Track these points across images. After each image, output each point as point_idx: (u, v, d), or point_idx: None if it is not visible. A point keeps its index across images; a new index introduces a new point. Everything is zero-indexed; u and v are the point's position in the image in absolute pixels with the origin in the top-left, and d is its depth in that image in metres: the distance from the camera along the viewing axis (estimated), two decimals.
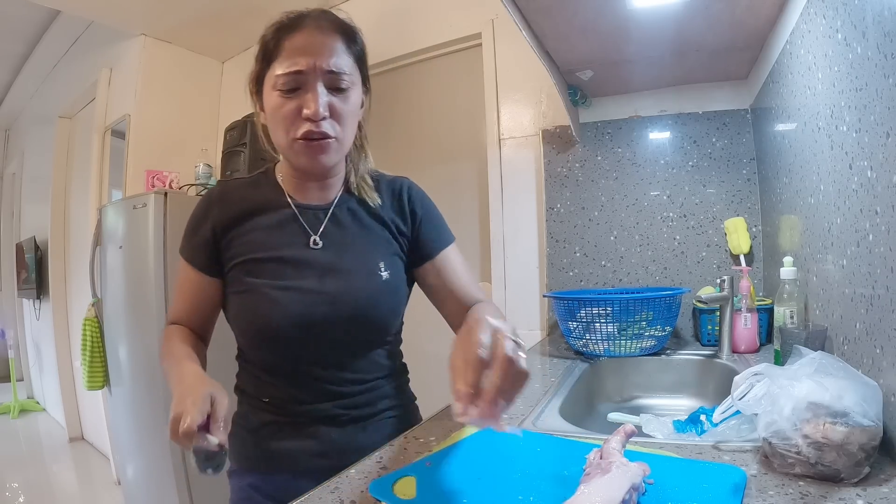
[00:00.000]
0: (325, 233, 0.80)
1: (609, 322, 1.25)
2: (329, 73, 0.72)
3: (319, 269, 0.77)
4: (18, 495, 2.61)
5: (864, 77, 0.67)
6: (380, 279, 0.80)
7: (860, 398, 0.52)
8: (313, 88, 0.71)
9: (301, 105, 0.71)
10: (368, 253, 0.81)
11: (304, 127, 0.72)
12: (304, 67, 0.71)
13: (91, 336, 2.34)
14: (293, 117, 0.72)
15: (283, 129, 0.73)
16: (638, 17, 1.19)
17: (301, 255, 0.78)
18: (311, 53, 0.71)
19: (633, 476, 0.49)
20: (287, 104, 0.72)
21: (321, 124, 0.72)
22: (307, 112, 0.71)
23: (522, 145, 1.86)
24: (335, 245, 0.80)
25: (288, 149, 0.75)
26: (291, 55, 0.71)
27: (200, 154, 2.67)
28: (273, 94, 0.73)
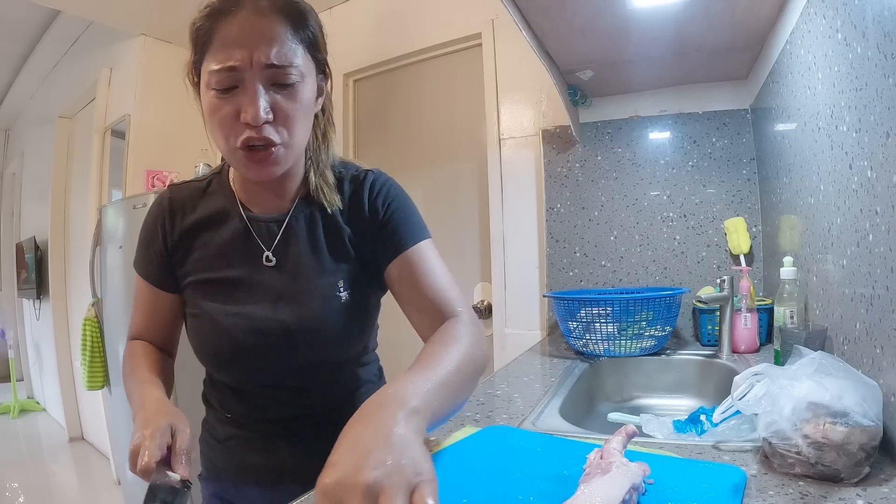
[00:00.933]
0: (278, 248, 0.72)
1: (609, 322, 1.25)
2: (270, 68, 0.60)
3: (273, 293, 0.70)
4: (18, 495, 2.61)
5: (864, 77, 0.67)
6: (338, 301, 0.72)
7: (860, 398, 0.52)
8: (251, 88, 0.60)
9: (238, 108, 0.61)
10: (325, 272, 0.72)
11: (243, 134, 0.61)
12: (239, 62, 0.59)
13: (91, 336, 2.34)
14: (231, 122, 0.61)
15: (221, 135, 0.63)
16: (638, 17, 1.19)
17: (252, 277, 0.71)
18: (247, 45, 0.59)
19: (633, 476, 0.49)
20: (223, 107, 0.61)
21: (263, 129, 0.61)
22: (245, 117, 0.60)
23: (522, 145, 1.86)
24: (289, 263, 0.71)
25: (230, 157, 0.65)
26: (225, 47, 0.60)
27: (200, 154, 2.66)
28: (208, 93, 0.62)
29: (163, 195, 0.77)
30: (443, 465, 0.61)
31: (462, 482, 0.56)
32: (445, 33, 2.02)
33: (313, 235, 0.73)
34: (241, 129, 0.61)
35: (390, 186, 0.76)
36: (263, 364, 0.71)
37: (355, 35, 2.31)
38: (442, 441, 0.70)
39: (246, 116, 0.60)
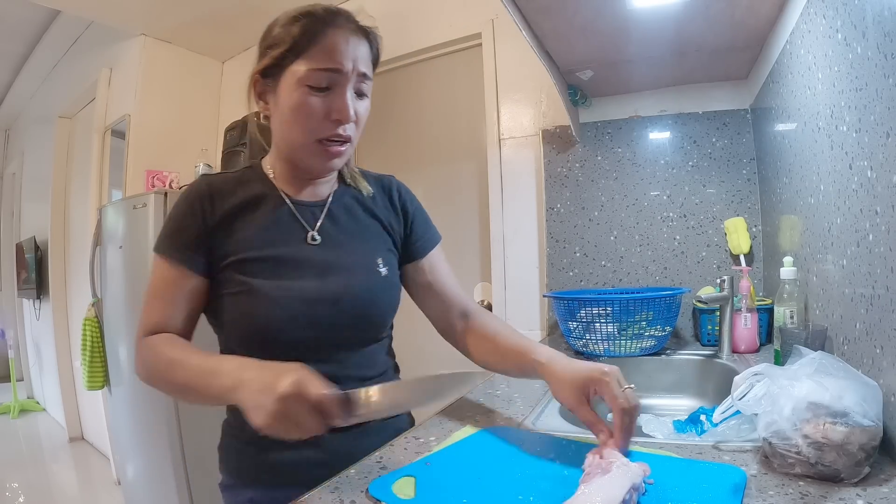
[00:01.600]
0: (322, 229, 0.78)
1: (609, 322, 1.25)
2: (361, 77, 0.72)
3: (319, 268, 0.75)
4: (18, 495, 2.61)
5: (864, 77, 0.67)
6: (379, 276, 0.79)
7: (860, 398, 0.52)
8: (345, 91, 0.70)
9: (330, 107, 0.70)
10: (366, 249, 0.80)
11: (329, 129, 0.71)
12: (342, 67, 0.69)
13: (91, 336, 2.34)
14: (320, 117, 0.70)
15: (302, 128, 0.71)
16: (638, 17, 1.19)
17: (299, 253, 0.75)
18: (350, 55, 0.70)
19: (633, 476, 0.49)
20: (315, 103, 0.69)
21: (345, 128, 0.71)
22: (338, 116, 0.70)
23: (522, 145, 1.86)
24: (333, 242, 0.78)
25: (302, 148, 0.73)
26: (329, 52, 0.69)
27: (200, 154, 2.67)
28: (299, 88, 0.69)
29: (198, 182, 0.77)
30: (443, 465, 0.61)
31: (462, 482, 0.56)
32: (445, 33, 2.02)
33: (353, 217, 0.82)
34: (326, 125, 0.71)
35: (411, 192, 0.90)
36: (309, 336, 0.73)
37: None
38: (442, 441, 0.71)
39: (339, 114, 0.70)
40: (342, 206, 0.81)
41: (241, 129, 2.46)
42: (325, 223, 0.79)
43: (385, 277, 0.80)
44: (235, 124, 2.51)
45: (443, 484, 0.56)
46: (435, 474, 0.58)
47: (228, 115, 2.77)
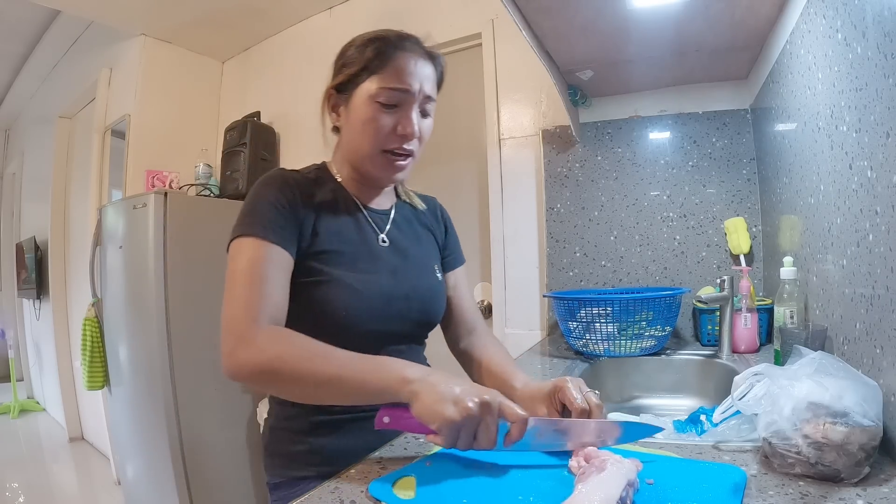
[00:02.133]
0: (389, 234, 0.85)
1: (609, 322, 1.25)
2: (427, 98, 0.79)
3: (391, 266, 0.82)
4: (18, 495, 2.61)
5: (864, 77, 0.67)
6: (437, 279, 0.89)
7: (860, 398, 0.52)
8: (412, 110, 0.77)
9: (397, 123, 0.77)
10: (426, 255, 0.89)
11: (395, 143, 0.77)
12: (411, 88, 0.76)
13: (91, 336, 2.34)
14: (387, 132, 0.77)
15: (370, 140, 0.77)
16: (638, 17, 1.19)
17: (374, 251, 0.82)
18: (419, 77, 0.77)
19: (627, 472, 0.49)
20: (384, 118, 0.76)
21: (411, 143, 0.78)
22: (404, 132, 0.77)
23: (522, 145, 1.86)
24: (399, 246, 0.85)
25: (368, 158, 0.79)
26: (400, 73, 0.76)
27: (200, 154, 2.67)
28: (371, 103, 0.76)
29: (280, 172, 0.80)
30: (443, 465, 0.61)
31: (462, 482, 0.56)
32: (445, 33, 2.02)
33: (412, 227, 0.91)
34: (392, 138, 0.78)
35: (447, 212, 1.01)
36: (381, 328, 0.79)
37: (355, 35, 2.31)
38: None
39: (404, 130, 0.77)
40: (403, 217, 0.90)
41: (240, 129, 2.47)
42: (392, 229, 0.87)
43: (441, 281, 0.90)
44: (235, 124, 2.51)
45: (443, 484, 0.56)
46: (435, 474, 0.58)
47: (228, 115, 2.77)
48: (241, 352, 0.64)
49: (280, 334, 0.66)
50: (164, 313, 1.97)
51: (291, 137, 2.58)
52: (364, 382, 0.61)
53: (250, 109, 2.59)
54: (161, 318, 1.96)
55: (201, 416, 2.05)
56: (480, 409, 0.55)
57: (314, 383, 0.63)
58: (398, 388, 0.59)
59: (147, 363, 2.01)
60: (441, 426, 0.55)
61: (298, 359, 0.63)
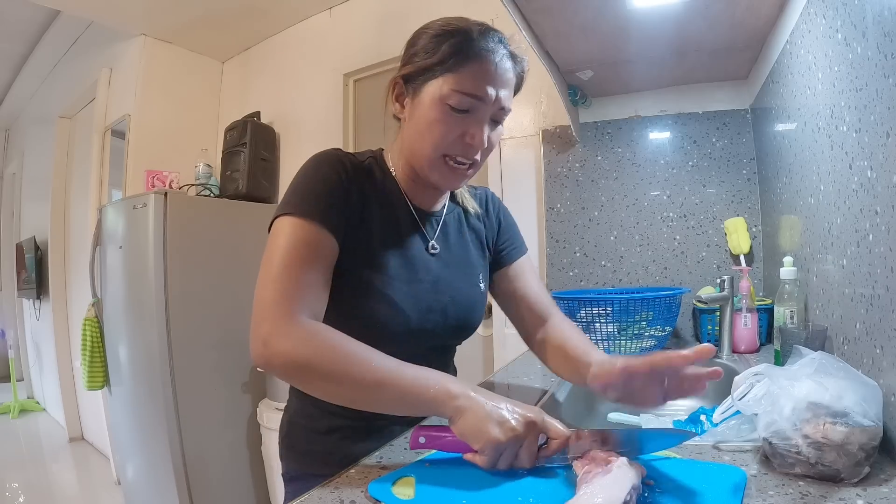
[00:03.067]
0: (438, 240, 0.81)
1: (609, 322, 1.25)
2: (501, 110, 0.72)
3: (433, 277, 0.77)
4: (18, 495, 2.61)
5: (864, 77, 0.67)
6: (478, 291, 0.83)
7: (860, 398, 0.52)
8: (483, 119, 0.71)
9: (465, 130, 0.70)
10: (471, 264, 0.84)
11: (459, 150, 0.71)
12: (486, 97, 0.69)
13: (91, 336, 2.34)
14: (455, 138, 0.70)
15: (433, 143, 0.70)
16: (638, 17, 1.19)
17: (419, 260, 0.77)
18: (497, 85, 0.70)
19: (633, 476, 0.49)
20: (452, 123, 0.69)
21: (475, 152, 0.71)
22: (471, 141, 0.70)
23: (522, 145, 1.86)
24: (445, 254, 0.81)
25: (428, 161, 0.72)
26: (477, 78, 0.68)
27: (200, 154, 2.67)
28: (440, 105, 0.69)
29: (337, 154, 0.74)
30: (442, 465, 0.61)
31: (462, 482, 0.56)
32: None
33: (460, 232, 0.85)
34: (458, 145, 0.70)
35: (502, 203, 0.95)
36: (415, 340, 0.75)
37: (355, 35, 2.31)
38: None
39: (473, 140, 0.70)
40: (454, 219, 0.85)
41: (241, 129, 2.46)
42: (440, 235, 0.82)
43: (482, 293, 0.85)
44: (235, 124, 2.51)
45: (442, 484, 0.56)
46: (435, 474, 0.58)
47: (228, 115, 2.77)
48: (275, 342, 0.59)
49: (320, 331, 0.61)
50: (164, 313, 1.97)
51: (291, 137, 2.58)
52: (406, 394, 0.58)
53: (250, 109, 2.59)
54: (161, 318, 1.96)
55: (201, 416, 2.05)
56: (526, 429, 0.55)
57: (352, 388, 0.59)
58: (442, 402, 0.57)
59: (147, 363, 2.01)
60: (485, 447, 0.54)
61: (337, 361, 0.59)
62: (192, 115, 2.79)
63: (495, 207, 0.92)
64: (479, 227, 0.88)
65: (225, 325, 2.14)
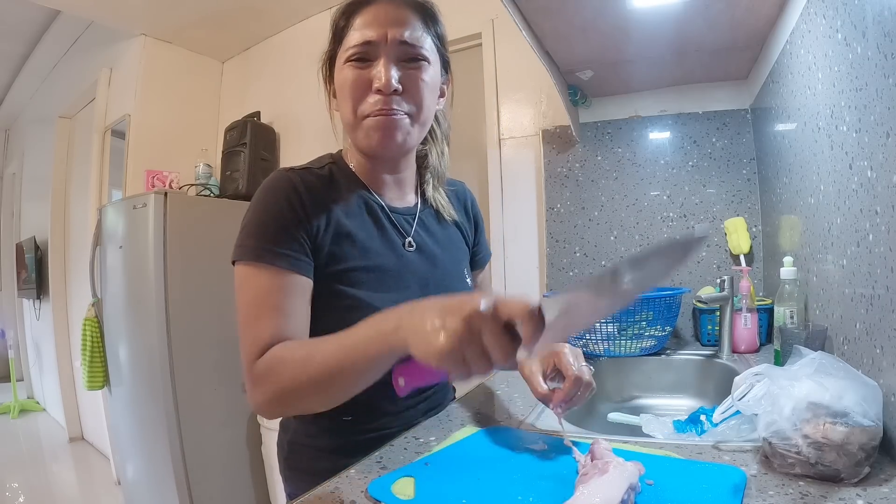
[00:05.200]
0: (415, 236, 0.77)
1: (609, 322, 1.25)
2: (402, 45, 0.67)
3: (419, 279, 0.75)
4: (18, 495, 2.61)
5: (864, 77, 0.67)
6: (467, 286, 0.82)
7: (860, 398, 0.52)
8: (385, 60, 0.66)
9: (370, 78, 0.66)
10: (455, 259, 0.82)
11: (372, 101, 0.67)
12: (375, 37, 0.66)
13: (91, 336, 2.34)
14: (363, 91, 0.67)
15: (350, 105, 0.68)
16: (638, 17, 1.19)
17: (400, 262, 0.74)
18: (383, 24, 0.67)
19: (630, 476, 0.49)
20: (356, 77, 0.67)
21: (392, 99, 0.66)
22: (377, 84, 0.66)
23: (522, 145, 1.86)
24: (427, 251, 0.78)
25: (355, 127, 0.69)
26: (361, 28, 0.67)
27: (200, 154, 2.67)
28: (343, 68, 0.68)
29: (286, 176, 0.70)
30: (442, 465, 0.61)
31: (462, 482, 0.56)
32: None
33: (441, 225, 0.83)
34: (372, 98, 0.67)
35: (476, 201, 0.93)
36: None
37: None
38: (442, 441, 0.71)
39: (378, 83, 0.66)
40: (430, 215, 0.82)
41: (240, 129, 2.47)
42: (418, 231, 0.78)
43: (471, 287, 0.84)
44: (235, 124, 2.51)
45: (442, 484, 0.56)
46: (435, 474, 0.58)
47: (228, 115, 2.76)
48: (253, 393, 0.62)
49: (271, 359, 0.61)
50: (164, 313, 1.97)
51: (291, 137, 2.58)
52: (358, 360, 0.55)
53: (250, 109, 2.59)
54: (161, 318, 1.96)
55: (201, 416, 2.05)
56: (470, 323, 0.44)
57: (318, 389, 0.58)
58: (390, 344, 0.52)
59: (147, 363, 2.01)
60: (441, 362, 0.45)
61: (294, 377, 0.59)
62: (192, 115, 2.79)
63: (473, 207, 0.91)
64: (460, 219, 0.87)
65: (225, 325, 2.14)
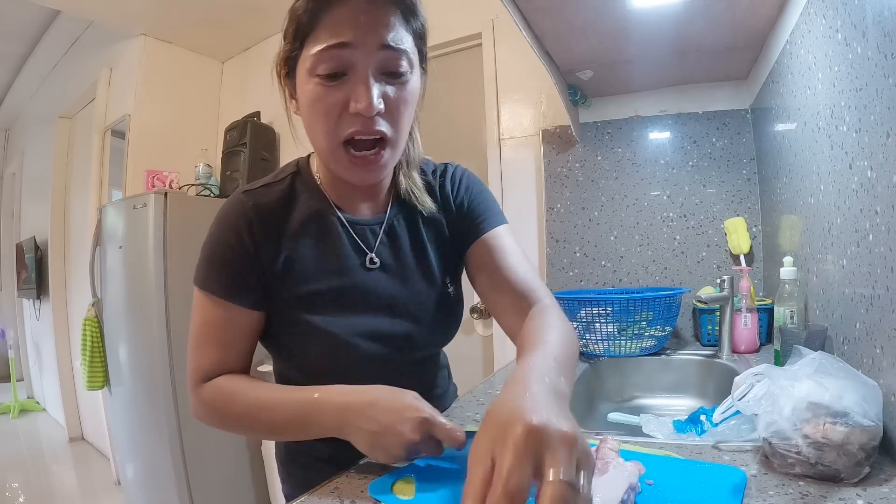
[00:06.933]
0: (380, 251, 0.69)
1: (609, 322, 1.25)
2: (384, 49, 0.56)
3: (385, 299, 0.68)
4: (18, 495, 2.61)
5: (864, 77, 0.67)
6: (448, 298, 0.73)
7: (860, 398, 0.52)
8: (363, 74, 0.56)
9: (347, 97, 0.56)
10: (433, 272, 0.72)
11: (351, 126, 0.57)
12: (351, 39, 0.55)
13: (91, 336, 2.34)
14: (338, 113, 0.57)
15: (322, 130, 0.59)
16: (638, 17, 1.19)
17: (359, 283, 0.67)
18: (361, 26, 0.55)
19: (630, 476, 0.49)
20: (329, 95, 0.56)
21: (374, 121, 0.57)
22: (357, 106, 0.55)
23: (522, 145, 1.86)
24: (395, 266, 0.70)
25: (330, 155, 0.60)
26: (333, 27, 0.55)
27: (200, 154, 2.67)
28: (310, 81, 0.57)
29: (241, 201, 0.65)
30: (442, 466, 0.61)
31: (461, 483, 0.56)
32: (445, 33, 2.01)
33: (416, 235, 0.72)
34: (349, 120, 0.57)
35: (468, 175, 0.78)
36: (381, 369, 0.66)
37: None
38: None
39: (358, 105, 0.55)
40: (402, 221, 0.72)
41: (240, 129, 2.47)
42: (385, 243, 0.70)
43: (453, 296, 0.74)
44: (235, 124, 2.51)
45: (442, 484, 0.56)
46: (434, 475, 0.58)
47: (228, 115, 2.77)
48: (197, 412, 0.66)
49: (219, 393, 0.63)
50: (164, 313, 1.97)
51: (291, 137, 2.57)
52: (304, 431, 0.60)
53: (250, 109, 2.59)
54: (161, 318, 1.96)
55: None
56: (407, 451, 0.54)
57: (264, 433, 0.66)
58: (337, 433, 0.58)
59: (147, 363, 2.01)
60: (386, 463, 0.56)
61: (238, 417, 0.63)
62: (192, 115, 2.79)
63: (457, 186, 0.76)
64: (440, 219, 0.74)
65: None
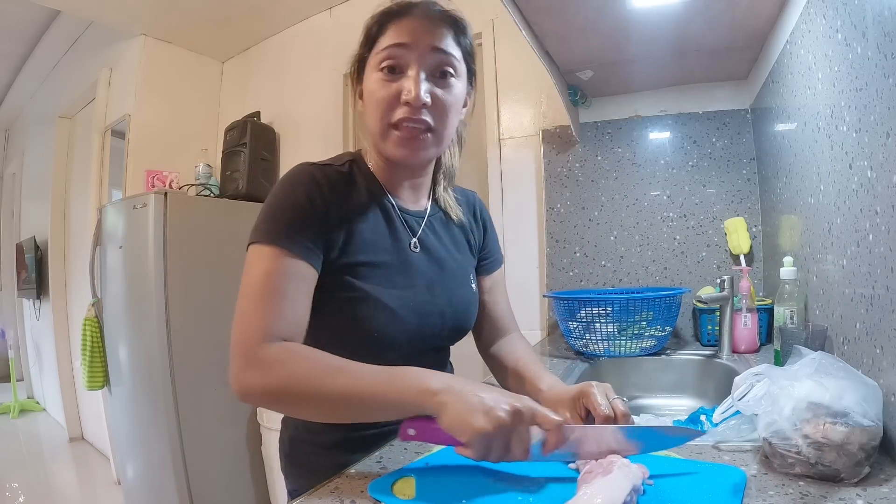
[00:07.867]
0: (421, 239, 0.78)
1: (609, 322, 1.25)
2: (435, 51, 0.68)
3: (426, 279, 0.76)
4: (18, 495, 2.61)
5: (864, 77, 0.67)
6: (472, 290, 0.83)
7: (860, 398, 0.52)
8: (415, 71, 0.67)
9: (401, 89, 0.67)
10: (461, 264, 0.83)
11: (401, 113, 0.67)
12: (409, 41, 0.67)
13: (91, 336, 2.34)
14: (391, 101, 0.68)
15: (377, 114, 0.69)
16: (638, 17, 1.19)
17: (407, 261, 0.75)
18: (418, 33, 0.68)
19: (634, 477, 0.49)
20: (386, 87, 0.68)
21: (420, 111, 0.67)
22: (406, 97, 0.66)
23: (522, 145, 1.86)
24: (433, 254, 0.79)
25: (380, 136, 0.70)
26: (395, 32, 0.68)
27: (200, 154, 2.67)
28: (373, 75, 0.69)
29: (311, 170, 0.71)
30: (442, 465, 0.61)
31: (461, 482, 0.56)
32: None
33: (448, 232, 0.84)
34: (399, 108, 0.68)
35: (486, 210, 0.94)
36: (415, 346, 0.74)
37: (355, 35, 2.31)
38: None
39: (408, 96, 0.66)
40: (440, 220, 0.83)
41: (241, 129, 2.46)
42: (426, 234, 0.79)
43: (475, 293, 0.84)
44: (235, 124, 2.51)
45: (442, 484, 0.56)
46: (434, 474, 0.58)
47: (228, 115, 2.77)
48: (249, 374, 0.60)
49: (289, 351, 0.60)
50: (164, 313, 1.97)
51: (291, 137, 2.57)
52: (384, 397, 0.56)
53: (250, 109, 2.59)
54: (161, 318, 1.96)
55: (201, 416, 2.05)
56: (512, 417, 0.51)
57: (329, 401, 0.58)
58: (423, 401, 0.55)
59: (147, 363, 2.01)
60: (471, 438, 0.51)
61: (309, 377, 0.58)
62: (192, 115, 2.79)
63: (482, 213, 0.92)
64: (467, 228, 0.87)
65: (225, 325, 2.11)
